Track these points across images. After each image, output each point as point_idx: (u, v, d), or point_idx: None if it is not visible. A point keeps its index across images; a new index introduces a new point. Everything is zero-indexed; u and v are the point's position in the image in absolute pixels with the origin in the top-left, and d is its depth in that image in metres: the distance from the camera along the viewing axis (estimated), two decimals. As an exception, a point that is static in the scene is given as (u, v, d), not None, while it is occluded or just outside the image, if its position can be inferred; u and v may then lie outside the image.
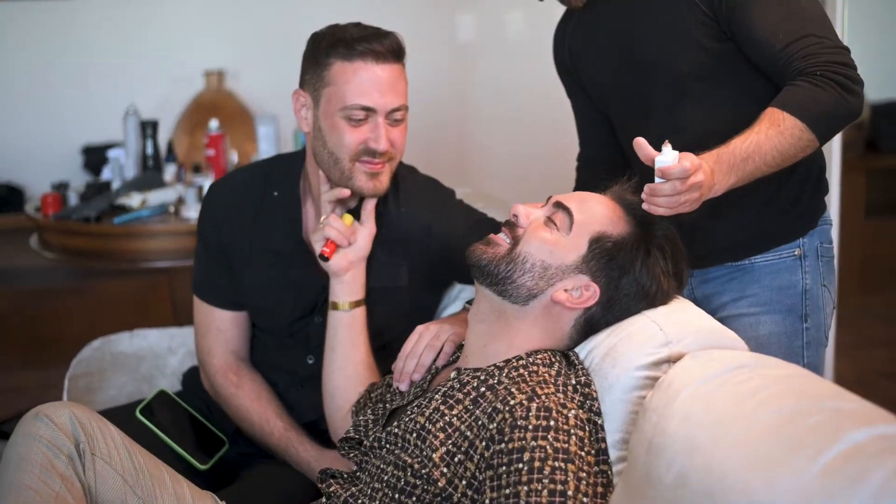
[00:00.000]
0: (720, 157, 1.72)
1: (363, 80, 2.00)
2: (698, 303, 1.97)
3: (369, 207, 2.09)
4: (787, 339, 1.99)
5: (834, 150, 3.16)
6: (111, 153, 3.45)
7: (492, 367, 1.72)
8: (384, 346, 2.13)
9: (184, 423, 2.19)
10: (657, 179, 1.64)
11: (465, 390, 1.68)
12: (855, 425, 1.29)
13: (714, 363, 1.59)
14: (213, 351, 2.22)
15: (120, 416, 2.11)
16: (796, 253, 1.99)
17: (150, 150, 3.37)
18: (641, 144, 1.66)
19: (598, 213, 1.76)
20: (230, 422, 2.21)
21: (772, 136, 1.74)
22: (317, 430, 2.16)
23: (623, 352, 1.71)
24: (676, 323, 1.72)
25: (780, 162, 1.77)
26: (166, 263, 3.03)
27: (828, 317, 2.03)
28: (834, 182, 3.14)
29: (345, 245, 2.05)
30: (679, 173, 1.61)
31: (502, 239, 1.78)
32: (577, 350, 1.79)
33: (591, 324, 1.76)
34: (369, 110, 2.01)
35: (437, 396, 1.70)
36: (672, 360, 1.67)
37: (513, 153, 4.76)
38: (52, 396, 2.12)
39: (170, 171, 3.46)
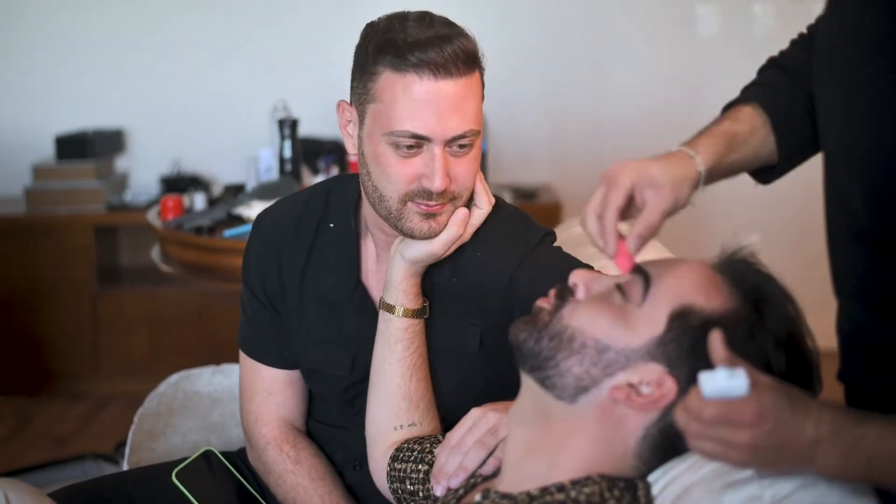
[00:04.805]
0: (839, 430, 1.12)
1: (415, 100, 1.52)
2: None
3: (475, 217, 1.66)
4: None
5: None
6: (260, 153, 3.13)
7: (523, 497, 1.26)
8: (447, 429, 1.66)
9: (229, 495, 1.85)
10: (700, 381, 1.10)
11: (482, 527, 1.23)
12: None
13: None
14: (263, 418, 1.83)
15: (158, 476, 1.84)
16: None
17: (287, 153, 3.01)
18: (715, 344, 1.13)
19: (687, 279, 1.27)
20: None
21: None
22: None
23: (699, 498, 1.20)
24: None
25: None
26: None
27: None
28: None
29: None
30: (718, 416, 1.08)
31: (549, 302, 1.31)
32: (650, 479, 1.28)
33: (670, 437, 1.24)
34: (422, 139, 1.54)
35: None
36: (767, 523, 1.14)
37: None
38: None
39: (319, 179, 3.09)
